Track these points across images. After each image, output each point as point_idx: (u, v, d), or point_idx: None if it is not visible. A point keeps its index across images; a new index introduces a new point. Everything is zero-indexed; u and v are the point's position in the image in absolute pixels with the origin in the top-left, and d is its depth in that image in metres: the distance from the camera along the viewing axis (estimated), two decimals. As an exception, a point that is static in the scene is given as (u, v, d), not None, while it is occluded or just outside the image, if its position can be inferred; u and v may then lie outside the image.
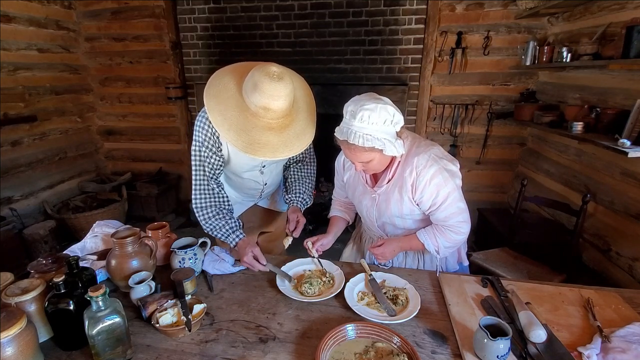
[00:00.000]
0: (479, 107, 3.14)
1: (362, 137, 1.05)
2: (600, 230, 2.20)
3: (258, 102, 1.10)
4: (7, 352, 0.74)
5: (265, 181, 1.48)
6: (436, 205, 1.16)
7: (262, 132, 1.12)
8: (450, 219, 1.18)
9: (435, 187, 1.13)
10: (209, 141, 1.25)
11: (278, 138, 1.14)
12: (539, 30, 2.87)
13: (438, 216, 1.19)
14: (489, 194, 3.39)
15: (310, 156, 1.55)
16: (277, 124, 1.15)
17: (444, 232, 1.20)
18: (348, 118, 1.10)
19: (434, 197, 1.15)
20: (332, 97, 3.25)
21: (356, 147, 1.08)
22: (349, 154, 1.14)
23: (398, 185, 1.19)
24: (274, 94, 1.09)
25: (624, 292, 1.13)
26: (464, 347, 0.88)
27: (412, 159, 1.15)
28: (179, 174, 3.92)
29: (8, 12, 2.91)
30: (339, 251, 1.70)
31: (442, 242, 1.20)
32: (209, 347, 0.91)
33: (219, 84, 1.18)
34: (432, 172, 1.13)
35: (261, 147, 1.11)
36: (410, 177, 1.15)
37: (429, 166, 1.13)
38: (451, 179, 1.15)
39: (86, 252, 1.29)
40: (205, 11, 3.31)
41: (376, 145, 1.06)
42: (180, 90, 3.52)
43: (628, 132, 1.83)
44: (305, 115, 1.24)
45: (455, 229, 1.19)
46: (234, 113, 1.12)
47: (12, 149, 3.04)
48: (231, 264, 1.25)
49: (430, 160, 1.13)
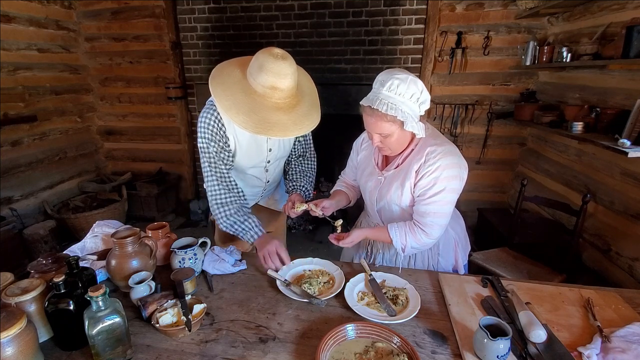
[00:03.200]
0: (479, 107, 3.14)
1: (387, 105, 1.06)
2: (600, 230, 2.20)
3: (265, 82, 1.11)
4: (7, 352, 0.74)
5: (268, 178, 1.48)
6: (425, 195, 1.16)
7: (271, 112, 1.12)
8: (428, 216, 1.16)
9: (434, 179, 1.13)
10: (216, 136, 1.25)
11: (287, 117, 1.14)
12: (539, 30, 2.87)
13: (419, 208, 1.18)
14: (489, 194, 3.39)
15: (310, 151, 1.58)
16: (284, 104, 1.15)
17: (415, 232, 1.18)
18: (377, 87, 1.11)
19: (428, 187, 1.15)
20: (332, 97, 3.26)
21: (379, 114, 1.08)
22: (370, 122, 1.13)
23: (404, 172, 1.20)
24: (280, 72, 1.10)
25: (624, 292, 1.13)
26: (464, 347, 0.88)
27: (425, 149, 1.16)
28: (179, 174, 3.92)
29: (8, 12, 2.91)
30: (338, 251, 1.70)
31: (410, 241, 1.18)
32: (209, 347, 0.91)
33: (223, 73, 1.19)
34: (439, 164, 1.13)
35: (272, 126, 1.11)
36: (417, 164, 1.16)
37: (439, 159, 1.13)
38: (454, 180, 1.14)
39: (86, 252, 1.29)
40: (205, 11, 3.31)
41: (399, 115, 1.06)
42: (180, 90, 3.52)
43: (628, 132, 1.83)
44: (309, 98, 1.26)
45: (427, 229, 1.16)
46: (241, 96, 1.13)
47: (12, 149, 3.04)
48: (231, 264, 1.25)
49: (442, 154, 1.14)
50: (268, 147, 1.38)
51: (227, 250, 1.30)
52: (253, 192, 1.54)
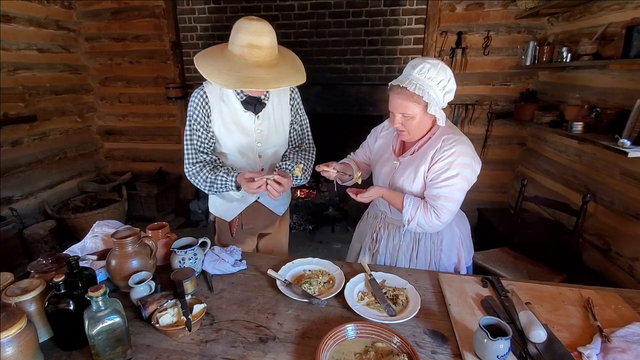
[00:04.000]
0: (479, 107, 3.14)
1: (415, 85, 1.12)
2: (600, 230, 2.20)
3: (242, 41, 1.15)
4: (7, 352, 0.74)
5: (262, 165, 1.47)
6: (438, 179, 1.19)
7: (251, 70, 1.15)
8: (439, 199, 1.19)
9: (448, 163, 1.17)
10: (199, 115, 1.33)
11: (268, 73, 1.16)
12: (539, 30, 2.87)
13: (431, 191, 1.21)
14: (489, 194, 3.39)
15: (308, 142, 1.57)
16: (264, 63, 1.17)
17: (428, 210, 1.20)
18: (408, 69, 1.17)
19: (441, 171, 1.18)
20: (332, 97, 3.26)
21: (406, 93, 1.14)
22: (397, 101, 1.18)
23: (419, 158, 1.24)
24: (257, 30, 1.15)
25: (624, 292, 1.13)
26: (464, 347, 0.88)
27: (441, 137, 1.21)
28: (179, 174, 3.92)
29: (8, 12, 2.91)
30: (338, 251, 1.70)
31: (419, 216, 1.20)
32: (209, 347, 0.91)
33: (207, 51, 1.27)
34: (455, 150, 1.17)
35: (252, 80, 1.13)
36: (433, 150, 1.21)
37: (455, 145, 1.18)
38: (467, 168, 1.18)
39: (86, 252, 1.29)
40: (205, 11, 3.31)
41: (425, 96, 1.12)
42: (180, 90, 3.52)
43: (628, 132, 1.83)
44: (290, 62, 1.29)
45: (438, 212, 1.19)
46: (222, 61, 1.18)
47: (12, 149, 3.04)
48: (231, 264, 1.25)
49: (458, 142, 1.19)
50: (255, 127, 1.38)
51: (227, 250, 1.30)
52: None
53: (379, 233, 1.44)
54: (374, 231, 1.46)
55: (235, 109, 1.35)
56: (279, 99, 1.43)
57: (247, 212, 1.54)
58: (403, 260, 1.38)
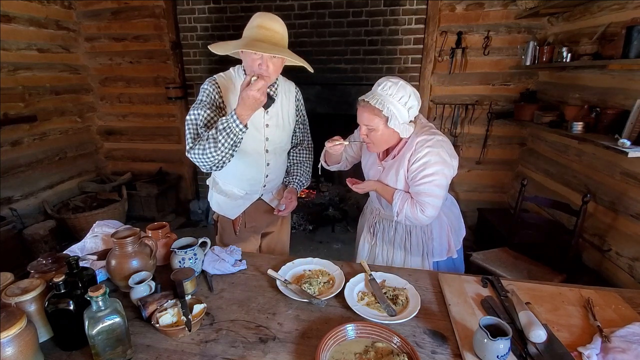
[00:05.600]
0: (479, 107, 3.14)
1: (377, 100, 1.24)
2: (600, 230, 2.20)
3: (254, 23, 1.25)
4: (7, 352, 0.74)
5: (269, 161, 1.47)
6: (417, 178, 1.29)
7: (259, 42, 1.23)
8: (421, 195, 1.28)
9: (423, 164, 1.27)
10: (210, 97, 1.35)
11: (272, 47, 1.23)
12: (539, 30, 2.87)
13: (413, 189, 1.31)
14: (489, 194, 3.39)
15: (308, 139, 1.67)
16: (271, 41, 1.24)
17: (414, 205, 1.30)
18: (375, 87, 1.29)
19: (419, 171, 1.28)
20: (332, 97, 3.26)
21: (368, 106, 1.25)
22: (360, 113, 1.30)
23: (399, 162, 1.34)
24: (269, 16, 1.27)
25: (624, 292, 1.13)
26: (464, 347, 0.88)
27: (415, 140, 1.30)
28: (179, 174, 3.92)
29: (8, 12, 2.91)
30: (338, 251, 1.70)
31: (407, 209, 1.30)
32: (209, 347, 0.91)
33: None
34: (428, 151, 1.26)
35: (254, 44, 1.21)
36: (409, 152, 1.30)
37: (428, 146, 1.27)
38: (442, 165, 1.26)
39: (86, 252, 1.29)
40: (205, 11, 3.31)
41: (384, 111, 1.22)
42: (180, 90, 3.52)
43: (628, 132, 1.83)
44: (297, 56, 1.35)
45: (423, 207, 1.28)
46: (234, 42, 1.30)
47: (12, 149, 3.04)
48: (231, 264, 1.25)
49: (432, 143, 1.27)
50: (265, 122, 1.41)
51: (227, 250, 1.30)
52: (253, 186, 1.51)
53: (375, 227, 1.56)
54: (371, 225, 1.58)
55: None
56: (287, 97, 1.49)
57: (250, 210, 1.55)
58: (399, 251, 1.50)
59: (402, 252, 1.49)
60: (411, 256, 1.48)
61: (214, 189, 1.58)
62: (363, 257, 1.59)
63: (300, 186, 1.63)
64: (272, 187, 1.58)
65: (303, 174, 1.65)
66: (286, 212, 1.55)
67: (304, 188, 1.68)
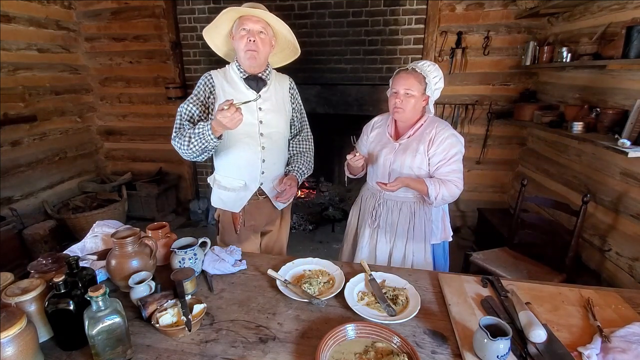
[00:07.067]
0: (479, 107, 3.14)
1: (420, 69, 1.46)
2: (600, 231, 2.20)
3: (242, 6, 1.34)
4: (7, 352, 0.74)
5: (264, 144, 1.49)
6: (445, 159, 1.47)
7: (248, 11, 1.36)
8: (452, 174, 1.46)
9: (449, 145, 1.46)
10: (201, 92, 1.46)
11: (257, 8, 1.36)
12: (539, 30, 2.87)
13: (443, 170, 1.47)
14: (489, 194, 3.39)
15: (307, 129, 1.70)
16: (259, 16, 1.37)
17: (447, 183, 1.45)
18: (412, 63, 1.49)
19: (445, 152, 1.46)
20: (332, 97, 3.26)
21: (414, 72, 1.45)
22: (404, 79, 1.46)
23: (417, 140, 1.51)
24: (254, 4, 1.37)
25: (624, 292, 1.13)
26: (464, 347, 0.88)
27: (434, 122, 1.52)
28: (179, 174, 3.92)
29: (8, 12, 2.91)
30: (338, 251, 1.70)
31: (443, 191, 1.44)
32: (209, 347, 0.91)
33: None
34: (449, 133, 1.48)
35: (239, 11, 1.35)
36: (430, 134, 1.49)
37: (447, 129, 1.49)
38: (461, 145, 1.50)
39: (86, 252, 1.29)
40: (205, 11, 3.31)
41: (427, 78, 1.45)
42: (180, 90, 3.52)
43: (628, 132, 1.83)
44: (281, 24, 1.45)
45: (456, 183, 1.46)
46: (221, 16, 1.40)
47: (12, 149, 3.04)
48: (231, 264, 1.25)
49: (448, 127, 1.51)
50: (258, 104, 1.46)
51: (227, 250, 1.30)
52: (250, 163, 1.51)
53: (377, 210, 1.63)
54: (372, 209, 1.65)
55: (238, 86, 1.46)
56: (280, 84, 1.57)
57: (249, 208, 1.55)
58: (401, 233, 1.59)
59: (404, 234, 1.58)
60: (413, 241, 1.58)
61: (214, 186, 1.59)
62: (364, 244, 1.66)
63: (301, 175, 1.61)
64: (271, 176, 1.56)
65: (304, 162, 1.63)
66: (286, 198, 1.51)
67: (305, 179, 1.67)
